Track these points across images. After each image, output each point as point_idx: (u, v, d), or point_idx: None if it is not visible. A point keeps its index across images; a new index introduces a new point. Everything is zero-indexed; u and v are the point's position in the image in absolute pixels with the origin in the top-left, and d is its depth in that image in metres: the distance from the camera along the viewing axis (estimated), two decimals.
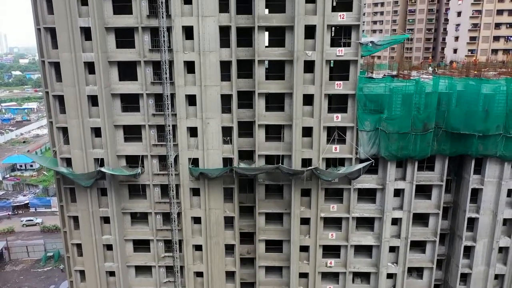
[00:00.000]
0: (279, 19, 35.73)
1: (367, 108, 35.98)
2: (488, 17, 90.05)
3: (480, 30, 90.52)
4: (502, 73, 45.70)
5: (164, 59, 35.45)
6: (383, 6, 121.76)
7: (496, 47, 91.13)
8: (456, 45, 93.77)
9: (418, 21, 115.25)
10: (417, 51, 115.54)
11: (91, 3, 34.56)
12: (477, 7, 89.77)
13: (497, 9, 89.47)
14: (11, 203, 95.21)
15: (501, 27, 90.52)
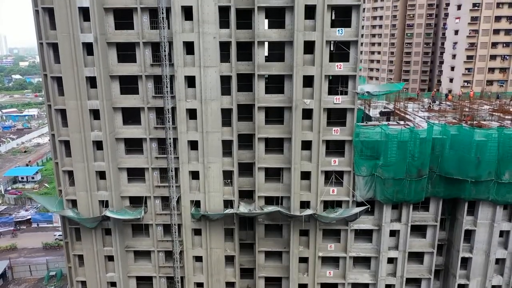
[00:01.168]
0: (279, 68, 36.88)
1: (363, 154, 37.17)
2: (485, 36, 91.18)
3: (476, 49, 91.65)
4: (495, 110, 47.04)
5: (167, 106, 36.57)
6: (380, 37, 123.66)
7: (493, 66, 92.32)
8: (452, 74, 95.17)
9: (414, 53, 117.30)
10: (414, 83, 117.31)
11: (97, 56, 35.70)
12: (474, 27, 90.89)
13: (494, 29, 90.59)
14: (13, 218, 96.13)
15: (498, 46, 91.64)
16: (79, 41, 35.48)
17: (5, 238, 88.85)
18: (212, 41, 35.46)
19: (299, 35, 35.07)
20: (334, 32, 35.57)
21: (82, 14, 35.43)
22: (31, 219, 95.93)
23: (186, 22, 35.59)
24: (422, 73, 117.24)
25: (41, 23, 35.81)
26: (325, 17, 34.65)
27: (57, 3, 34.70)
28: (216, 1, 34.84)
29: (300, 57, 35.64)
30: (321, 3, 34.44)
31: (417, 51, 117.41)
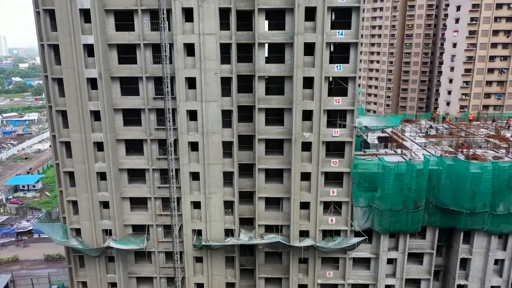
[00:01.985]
0: (279, 102, 37.71)
1: (361, 185, 38.03)
2: (482, 50, 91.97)
3: (474, 62, 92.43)
4: (491, 136, 47.91)
5: (170, 139, 37.39)
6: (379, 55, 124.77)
7: (490, 79, 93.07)
8: (450, 86, 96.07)
9: (412, 72, 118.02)
10: (412, 101, 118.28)
11: (101, 90, 36.54)
12: (472, 40, 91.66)
13: (492, 42, 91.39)
14: (15, 229, 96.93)
15: (495, 59, 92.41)
16: (83, 76, 36.27)
17: (7, 250, 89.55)
18: (213, 77, 36.30)
19: (299, 72, 35.90)
20: (333, 68, 36.39)
21: (86, 50, 36.21)
22: (33, 230, 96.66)
23: (188, 58, 36.41)
24: (420, 91, 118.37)
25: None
26: (323, 55, 35.46)
27: (62, 39, 35.51)
28: (218, 38, 35.64)
29: (299, 92, 36.49)
30: (320, 42, 35.25)
31: (415, 70, 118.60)
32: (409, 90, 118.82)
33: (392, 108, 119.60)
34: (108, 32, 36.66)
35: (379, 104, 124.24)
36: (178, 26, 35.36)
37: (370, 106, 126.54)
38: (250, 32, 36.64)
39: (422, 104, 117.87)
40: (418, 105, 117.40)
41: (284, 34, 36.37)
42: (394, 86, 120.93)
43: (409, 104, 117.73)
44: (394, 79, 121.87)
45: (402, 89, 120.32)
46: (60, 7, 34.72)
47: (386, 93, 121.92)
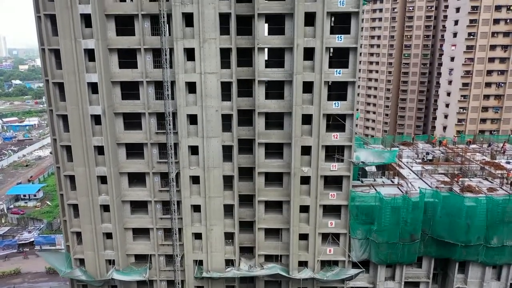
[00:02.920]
0: (278, 136, 38.62)
1: (358, 218, 38.96)
2: (480, 64, 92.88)
3: (472, 76, 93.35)
4: (486, 162, 48.86)
5: (172, 174, 38.28)
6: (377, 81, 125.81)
7: (487, 93, 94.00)
8: (448, 99, 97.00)
9: (409, 100, 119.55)
10: (409, 120, 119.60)
11: (104, 124, 37.43)
12: (470, 55, 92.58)
13: (489, 57, 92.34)
14: (16, 241, 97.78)
15: (493, 73, 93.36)
16: (87, 113, 37.15)
17: (9, 262, 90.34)
18: (214, 114, 37.21)
19: (298, 109, 36.82)
20: (331, 105, 37.28)
21: (90, 87, 37.11)
22: (34, 241, 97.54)
23: (190, 95, 37.31)
24: (418, 108, 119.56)
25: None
26: (322, 92, 36.39)
27: (67, 80, 36.39)
28: (219, 77, 36.55)
29: (298, 127, 37.39)
30: (318, 81, 36.17)
31: (412, 90, 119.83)
32: (407, 109, 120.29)
33: (390, 125, 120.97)
34: (112, 70, 37.50)
35: (377, 121, 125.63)
36: (180, 65, 36.23)
37: (368, 122, 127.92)
38: (250, 68, 37.53)
39: (420, 122, 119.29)
40: (416, 124, 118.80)
41: (284, 72, 37.27)
42: (392, 104, 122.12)
43: (407, 123, 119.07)
44: (392, 97, 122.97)
45: (400, 107, 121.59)
46: (62, 12, 35.33)
47: (384, 111, 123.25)
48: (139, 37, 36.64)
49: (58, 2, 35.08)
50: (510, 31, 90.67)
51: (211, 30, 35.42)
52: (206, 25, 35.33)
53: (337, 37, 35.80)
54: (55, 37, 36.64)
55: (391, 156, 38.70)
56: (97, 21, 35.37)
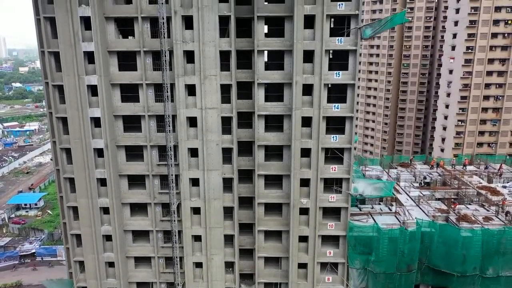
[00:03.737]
0: (277, 168, 39.32)
1: (356, 248, 39.67)
2: (478, 78, 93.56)
3: (470, 89, 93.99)
4: (482, 187, 49.56)
5: (173, 206, 38.97)
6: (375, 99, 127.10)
7: (486, 106, 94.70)
8: (447, 112, 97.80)
9: (407, 119, 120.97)
10: (408, 137, 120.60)
11: (107, 157, 38.14)
12: (468, 69, 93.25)
13: (487, 70, 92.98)
14: (18, 252, 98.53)
15: (491, 86, 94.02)
16: (90, 147, 37.84)
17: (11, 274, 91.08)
18: (215, 147, 37.89)
19: (297, 143, 37.52)
20: (329, 138, 37.97)
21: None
22: (36, 253, 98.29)
23: (191, 128, 38.00)
24: (417, 119, 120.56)
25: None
26: (320, 127, 37.10)
27: (70, 115, 37.07)
28: (219, 112, 37.23)
29: (297, 161, 38.11)
30: (317, 116, 36.89)
31: (411, 108, 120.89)
32: (405, 126, 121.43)
33: (389, 141, 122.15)
34: (114, 104, 38.20)
35: (376, 137, 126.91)
36: (181, 101, 36.93)
37: (367, 138, 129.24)
38: (250, 101, 38.22)
39: (419, 139, 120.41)
40: (415, 133, 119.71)
41: (283, 106, 37.95)
42: (391, 116, 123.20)
43: (406, 132, 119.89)
44: (391, 113, 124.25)
45: (399, 116, 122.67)
46: (65, 50, 35.90)
47: (383, 128, 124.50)
48: (141, 72, 37.31)
49: (62, 39, 35.74)
50: (508, 45, 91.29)
51: (212, 67, 36.10)
52: (207, 62, 36.01)
53: (335, 74, 36.49)
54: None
55: (388, 190, 39.36)
56: (100, 58, 36.04)
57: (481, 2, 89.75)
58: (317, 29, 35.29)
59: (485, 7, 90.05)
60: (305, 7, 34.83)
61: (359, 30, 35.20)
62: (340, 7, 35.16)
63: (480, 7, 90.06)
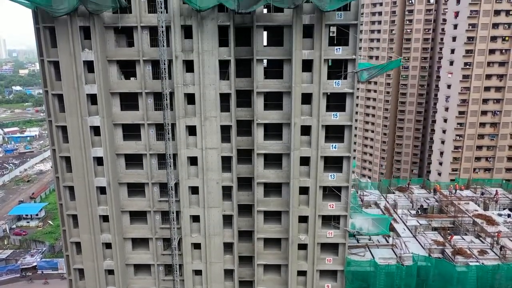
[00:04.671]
0: (276, 203, 40.16)
1: (354, 282, 40.51)
2: (476, 93, 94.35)
3: (468, 105, 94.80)
4: (478, 215, 50.37)
5: (174, 241, 39.77)
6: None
7: (483, 121, 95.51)
8: (445, 126, 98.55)
9: (405, 146, 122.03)
10: (406, 148, 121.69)
11: (109, 194, 38.96)
12: (466, 84, 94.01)
13: (485, 86, 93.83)
14: (19, 265, 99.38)
15: (489, 102, 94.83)
16: (93, 185, 38.68)
17: None
18: (215, 186, 38.73)
19: (295, 182, 38.34)
20: (327, 176, 38.79)
21: (96, 161, 38.62)
22: (37, 266, 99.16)
23: (192, 167, 38.83)
24: (416, 132, 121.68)
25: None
26: (318, 166, 37.90)
27: (73, 154, 37.91)
28: (219, 152, 38.05)
29: (295, 199, 38.94)
30: (315, 156, 37.72)
31: (409, 127, 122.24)
32: (403, 145, 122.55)
33: (387, 163, 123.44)
34: (116, 142, 39.02)
35: (374, 155, 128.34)
36: (182, 141, 37.74)
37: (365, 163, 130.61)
38: (249, 138, 39.01)
39: (416, 159, 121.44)
40: (412, 160, 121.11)
41: (282, 144, 38.76)
42: (389, 142, 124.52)
43: (403, 159, 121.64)
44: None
45: (398, 135, 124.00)
46: (69, 92, 36.62)
47: (381, 153, 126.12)
48: (143, 112, 38.08)
49: (65, 82, 36.52)
50: (505, 60, 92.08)
51: (212, 109, 36.91)
52: (207, 105, 36.82)
53: (333, 114, 37.30)
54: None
55: (385, 227, 40.21)
56: (103, 100, 36.85)
57: (479, 19, 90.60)
58: (315, 73, 36.06)
59: (482, 24, 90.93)
60: (303, 52, 35.56)
61: (356, 74, 35.97)
62: (337, 52, 35.94)
63: (478, 24, 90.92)
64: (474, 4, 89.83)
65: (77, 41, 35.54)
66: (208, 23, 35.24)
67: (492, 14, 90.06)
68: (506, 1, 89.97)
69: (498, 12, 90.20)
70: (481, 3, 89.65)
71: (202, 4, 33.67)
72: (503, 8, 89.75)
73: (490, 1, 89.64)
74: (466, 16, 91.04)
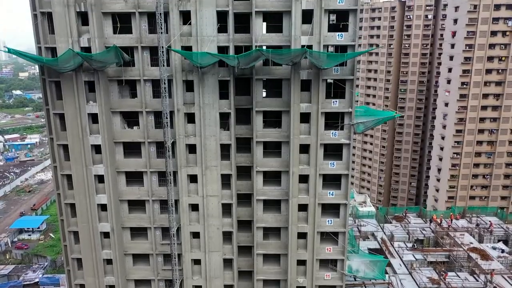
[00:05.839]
0: (275, 246, 41.26)
1: None
2: (473, 112, 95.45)
3: (465, 123, 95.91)
4: (473, 249, 51.54)
5: (176, 282, 40.95)
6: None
7: (480, 139, 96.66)
8: (440, 164, 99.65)
9: (402, 174, 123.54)
10: (404, 176, 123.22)
11: (113, 239, 40.09)
12: (463, 103, 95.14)
13: (482, 105, 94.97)
14: (21, 282, 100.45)
15: (485, 120, 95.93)
16: (97, 231, 39.81)
17: None
18: (215, 231, 39.99)
19: (294, 228, 39.51)
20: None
21: (100, 207, 39.74)
22: (39, 282, 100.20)
23: (193, 212, 40.04)
24: (412, 169, 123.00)
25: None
26: (316, 211, 39.05)
27: (78, 201, 39.04)
28: (220, 199, 39.20)
29: (294, 242, 40.08)
30: (313, 203, 38.87)
31: (406, 148, 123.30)
32: (400, 174, 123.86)
33: (384, 190, 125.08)
34: (120, 188, 40.15)
35: (372, 182, 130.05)
36: (184, 189, 38.97)
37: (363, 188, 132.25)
38: (249, 182, 40.13)
39: (414, 182, 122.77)
40: (409, 188, 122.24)
41: (280, 190, 39.90)
42: (386, 169, 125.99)
43: (400, 187, 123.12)
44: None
45: (394, 173, 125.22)
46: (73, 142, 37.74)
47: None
48: (145, 160, 39.19)
49: (70, 133, 37.62)
50: (502, 80, 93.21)
51: (213, 158, 38.05)
52: (208, 155, 37.95)
53: (330, 163, 38.39)
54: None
55: (381, 270, 41.31)
56: (107, 150, 37.98)
57: (475, 40, 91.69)
58: (313, 125, 37.16)
59: (479, 44, 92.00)
60: (301, 106, 36.67)
61: (352, 126, 37.10)
62: (334, 104, 37.04)
63: (475, 44, 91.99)
64: (470, 25, 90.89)
65: (82, 94, 36.63)
66: (209, 78, 36.34)
67: (488, 35, 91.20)
68: (502, 22, 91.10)
69: (494, 33, 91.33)
70: (478, 24, 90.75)
71: (203, 62, 34.76)
72: (500, 29, 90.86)
73: (487, 22, 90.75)
74: (463, 36, 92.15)
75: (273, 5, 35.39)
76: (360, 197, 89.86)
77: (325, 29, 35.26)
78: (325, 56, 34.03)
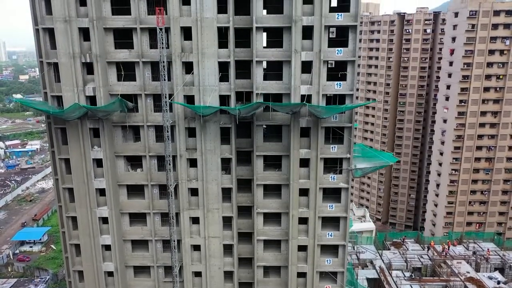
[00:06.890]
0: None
1: None
2: (471, 129, 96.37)
3: (464, 140, 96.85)
4: (469, 279, 52.52)
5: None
6: None
7: (478, 156, 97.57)
8: (439, 179, 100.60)
9: (401, 186, 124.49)
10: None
11: (117, 278, 41.06)
12: (461, 121, 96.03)
13: (480, 122, 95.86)
14: None
15: (484, 137, 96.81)
16: (101, 270, 40.80)
17: None
18: (217, 271, 41.00)
19: (293, 268, 40.51)
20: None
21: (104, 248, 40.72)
22: None
23: (195, 252, 40.96)
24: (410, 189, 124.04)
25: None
26: (316, 225, 39.89)
27: (83, 242, 39.99)
28: (221, 240, 40.18)
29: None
30: (313, 217, 39.58)
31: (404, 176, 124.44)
32: (399, 186, 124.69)
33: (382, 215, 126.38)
34: (123, 228, 41.10)
35: (372, 193, 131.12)
36: (186, 230, 39.95)
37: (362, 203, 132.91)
38: (250, 221, 41.12)
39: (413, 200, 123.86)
40: (409, 201, 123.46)
41: (280, 230, 40.85)
42: (385, 188, 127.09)
43: (399, 207, 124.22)
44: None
45: (394, 189, 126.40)
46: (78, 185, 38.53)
47: (377, 200, 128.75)
48: (149, 201, 40.14)
49: (75, 177, 38.58)
50: (500, 98, 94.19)
51: (214, 201, 39.01)
52: (210, 198, 38.92)
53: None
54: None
55: None
56: (111, 193, 38.95)
57: (473, 58, 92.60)
58: (312, 169, 38.12)
59: (477, 63, 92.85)
60: (300, 152, 37.65)
61: (350, 170, 38.06)
62: (332, 150, 37.97)
63: (473, 63, 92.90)
64: (468, 44, 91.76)
65: (87, 140, 37.56)
66: (211, 125, 37.28)
67: (486, 53, 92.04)
68: (500, 41, 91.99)
69: (492, 51, 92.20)
70: (476, 43, 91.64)
71: (205, 111, 35.70)
72: (497, 48, 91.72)
73: (485, 41, 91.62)
74: (461, 55, 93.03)
75: (274, 55, 36.36)
76: (359, 211, 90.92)
77: (324, 79, 36.16)
78: (324, 108, 34.95)
